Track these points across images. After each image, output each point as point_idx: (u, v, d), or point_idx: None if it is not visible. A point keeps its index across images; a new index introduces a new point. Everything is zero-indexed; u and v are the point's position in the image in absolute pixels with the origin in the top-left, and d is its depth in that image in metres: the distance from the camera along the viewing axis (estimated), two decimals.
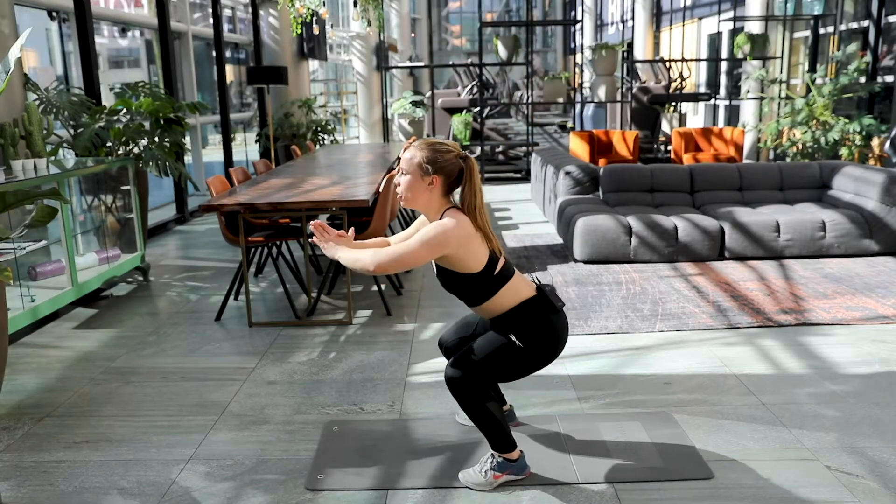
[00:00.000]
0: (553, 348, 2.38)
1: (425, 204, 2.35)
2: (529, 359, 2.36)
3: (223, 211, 4.20)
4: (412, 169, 2.33)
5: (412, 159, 2.33)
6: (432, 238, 2.25)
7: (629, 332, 3.94)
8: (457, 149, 2.35)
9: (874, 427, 2.80)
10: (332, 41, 14.18)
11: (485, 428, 2.38)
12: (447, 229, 2.26)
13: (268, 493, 2.44)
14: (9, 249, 4.08)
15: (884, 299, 4.38)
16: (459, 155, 2.34)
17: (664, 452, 2.63)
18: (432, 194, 2.33)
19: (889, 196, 5.44)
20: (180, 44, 8.76)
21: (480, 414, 2.36)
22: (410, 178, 2.34)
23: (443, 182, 2.33)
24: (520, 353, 2.34)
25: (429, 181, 2.32)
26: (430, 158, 2.31)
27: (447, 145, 2.35)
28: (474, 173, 2.32)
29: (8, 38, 4.66)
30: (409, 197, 2.35)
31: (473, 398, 2.34)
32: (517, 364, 2.37)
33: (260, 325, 4.23)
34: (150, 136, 5.75)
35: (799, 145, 9.21)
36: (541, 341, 2.35)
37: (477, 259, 2.31)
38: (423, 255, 2.26)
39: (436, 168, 2.31)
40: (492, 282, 2.34)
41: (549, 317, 2.37)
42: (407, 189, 2.35)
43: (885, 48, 9.52)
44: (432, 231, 2.26)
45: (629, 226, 5.41)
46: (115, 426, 2.96)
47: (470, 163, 2.33)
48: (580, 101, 12.84)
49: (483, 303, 2.38)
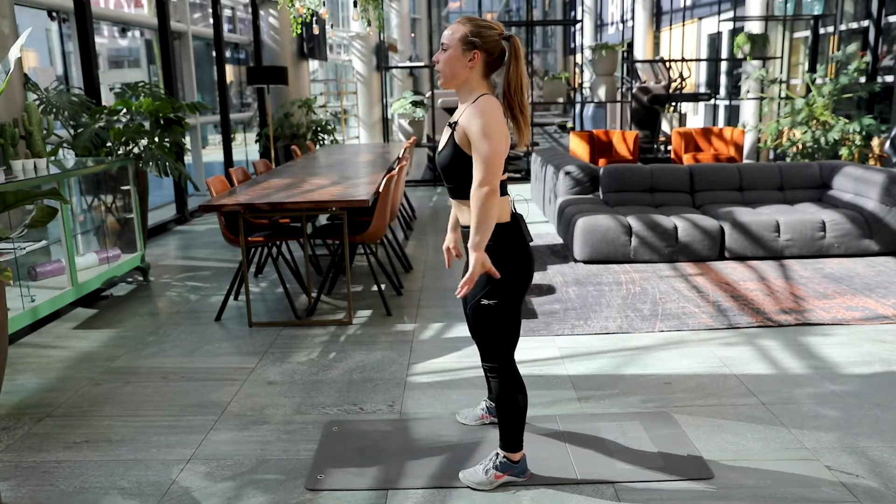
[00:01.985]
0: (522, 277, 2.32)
1: (463, 82, 2.26)
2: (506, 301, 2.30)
3: (223, 211, 4.20)
4: (453, 43, 2.23)
5: (454, 34, 2.24)
6: (489, 123, 2.16)
7: (629, 332, 3.94)
8: (500, 27, 2.26)
9: (874, 427, 2.80)
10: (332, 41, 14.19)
11: (506, 418, 2.39)
12: (492, 111, 2.17)
13: (268, 493, 2.44)
14: (9, 249, 4.08)
15: (884, 299, 4.38)
16: (502, 34, 2.25)
17: (664, 452, 2.63)
18: (472, 72, 2.24)
19: (889, 196, 5.44)
20: (180, 44, 8.76)
21: (510, 402, 2.37)
22: (451, 52, 2.24)
23: (483, 60, 2.24)
24: (497, 307, 2.29)
25: (470, 56, 2.22)
26: (475, 32, 2.22)
27: (490, 23, 2.26)
28: (520, 53, 2.23)
29: (8, 38, 4.66)
30: (448, 73, 2.25)
31: (509, 381, 2.36)
32: (504, 314, 2.32)
33: (260, 325, 4.23)
34: (150, 136, 5.75)
35: (799, 145, 9.21)
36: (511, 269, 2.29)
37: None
38: (498, 144, 2.15)
39: (479, 42, 2.22)
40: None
41: (520, 244, 2.32)
42: (446, 64, 2.24)
43: (885, 48, 9.51)
44: (483, 118, 2.16)
45: (629, 226, 5.41)
46: (115, 426, 2.96)
47: (514, 42, 2.24)
48: (580, 101, 12.84)
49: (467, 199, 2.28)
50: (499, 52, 2.25)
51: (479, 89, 2.26)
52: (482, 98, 2.23)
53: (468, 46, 2.23)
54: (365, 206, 4.09)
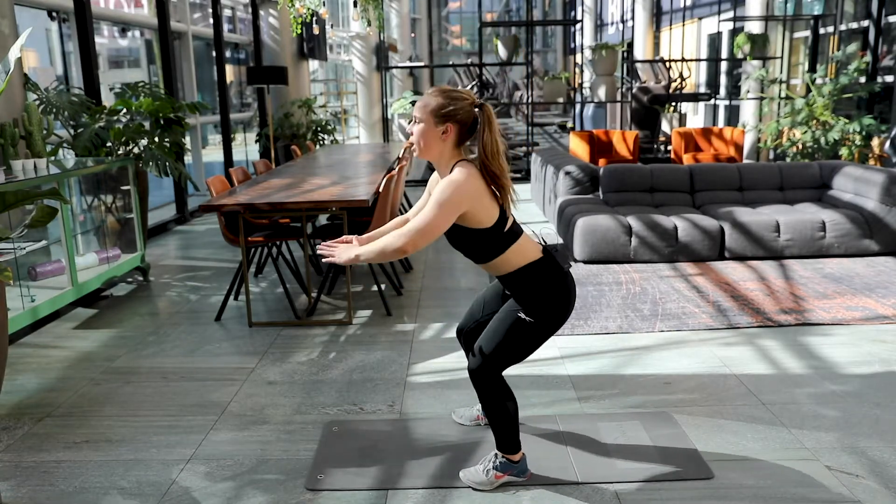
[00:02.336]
0: (563, 310, 2.32)
1: (437, 154, 2.27)
2: (541, 327, 2.31)
3: (223, 211, 4.20)
4: (426, 116, 2.24)
5: (426, 107, 2.24)
6: (449, 197, 2.17)
7: (629, 332, 3.94)
8: (471, 96, 2.27)
9: (874, 427, 2.80)
10: (332, 41, 14.19)
11: (498, 425, 2.38)
12: (460, 184, 2.18)
13: (268, 493, 2.44)
14: (9, 249, 4.08)
15: (884, 299, 4.38)
16: (475, 103, 2.25)
17: (664, 452, 2.63)
18: (445, 144, 2.25)
19: (889, 196, 5.44)
20: (180, 44, 8.76)
21: (498, 410, 2.35)
22: (424, 125, 2.25)
23: (457, 131, 2.24)
24: (531, 326, 2.29)
25: (443, 129, 2.23)
26: (445, 105, 2.22)
27: (461, 93, 2.26)
28: (492, 120, 2.23)
29: (8, 38, 4.66)
30: (422, 146, 2.27)
31: (494, 391, 2.34)
32: (530, 337, 2.32)
33: (260, 325, 4.23)
34: (150, 136, 5.75)
35: (799, 145, 9.21)
36: (550, 305, 2.29)
37: (488, 214, 2.23)
38: (444, 219, 2.18)
39: (450, 115, 2.22)
40: (501, 239, 2.27)
41: (556, 279, 2.31)
42: (420, 137, 2.26)
43: (885, 48, 9.51)
44: (447, 190, 2.18)
45: (629, 226, 5.41)
46: (115, 426, 2.96)
47: (486, 110, 2.24)
48: (580, 101, 12.84)
49: (490, 260, 2.32)
50: (472, 120, 2.25)
51: (455, 158, 2.28)
52: (458, 167, 2.24)
53: (441, 119, 2.23)
54: (365, 206, 4.09)
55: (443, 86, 2.35)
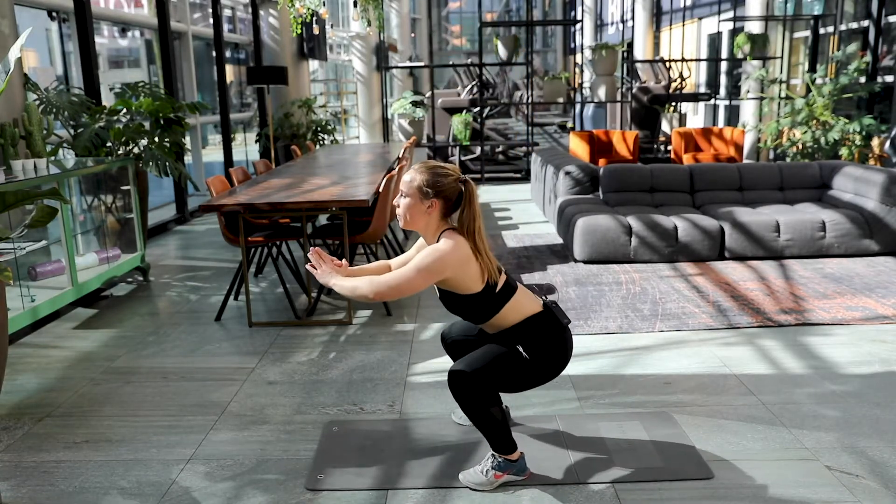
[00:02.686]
0: (559, 363, 2.39)
1: (423, 226, 2.37)
2: (534, 372, 2.37)
3: (223, 211, 4.20)
4: (412, 192, 2.34)
5: (412, 182, 2.34)
6: (429, 264, 2.26)
7: (629, 332, 3.94)
8: (456, 172, 2.37)
9: (874, 427, 2.80)
10: (332, 41, 14.18)
11: (485, 430, 2.38)
12: (444, 254, 2.27)
13: (268, 493, 2.44)
14: (9, 249, 4.08)
15: (884, 299, 4.38)
16: (459, 178, 2.35)
17: (664, 452, 2.63)
18: (431, 217, 2.35)
19: (889, 196, 5.44)
20: (180, 44, 8.76)
21: (480, 417, 2.35)
22: (410, 200, 2.35)
23: (442, 205, 2.34)
24: (525, 364, 2.35)
25: (428, 204, 2.33)
26: (430, 182, 2.32)
27: (447, 168, 2.36)
28: (474, 197, 2.34)
29: (8, 38, 4.66)
30: (409, 219, 2.37)
31: (474, 401, 2.34)
32: (521, 375, 2.37)
33: (260, 325, 4.23)
34: (150, 136, 5.75)
35: (799, 145, 9.21)
36: (547, 356, 2.36)
37: (476, 280, 2.32)
38: (420, 283, 2.27)
39: (435, 192, 2.32)
40: (494, 300, 2.35)
41: (554, 333, 2.38)
42: (406, 211, 2.36)
43: (885, 48, 9.51)
44: (429, 257, 2.27)
45: (629, 226, 5.41)
46: (115, 426, 2.96)
47: (469, 187, 2.34)
48: (580, 101, 12.84)
49: (488, 320, 2.40)
50: (456, 195, 2.35)
51: (441, 228, 2.37)
52: (444, 236, 2.33)
53: (426, 195, 2.32)
54: (365, 206, 4.09)
55: (430, 161, 2.44)
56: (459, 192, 2.34)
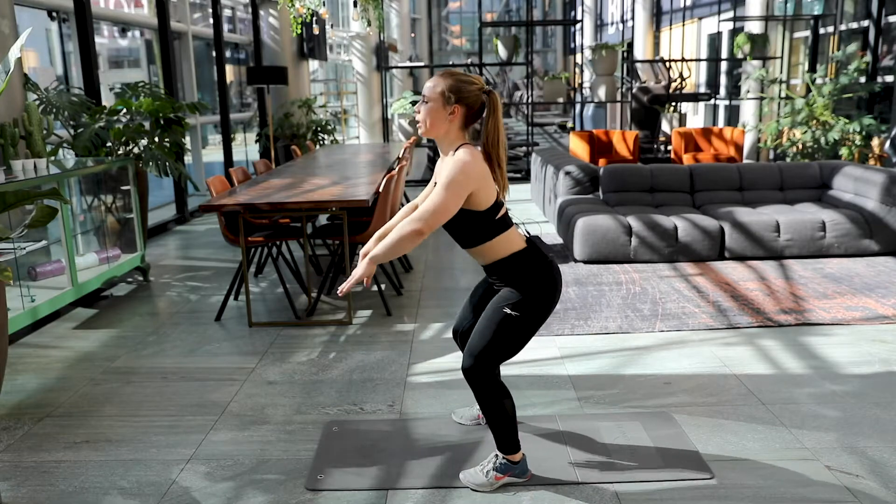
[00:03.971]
0: (549, 299, 2.35)
1: (443, 134, 2.32)
2: (528, 320, 2.33)
3: (223, 211, 4.20)
4: (434, 97, 2.30)
5: (435, 87, 2.30)
6: (456, 177, 2.21)
7: (629, 332, 3.94)
8: (480, 82, 2.32)
9: (874, 427, 2.80)
10: (332, 41, 14.18)
11: (496, 424, 2.38)
12: (466, 165, 2.22)
13: (268, 493, 2.44)
14: (9, 249, 4.08)
15: (884, 299, 4.38)
16: (483, 88, 2.31)
17: (664, 452, 2.63)
18: (451, 125, 2.30)
19: (889, 196, 5.44)
20: (180, 44, 8.76)
21: (495, 409, 2.36)
22: (432, 105, 2.30)
23: (463, 113, 2.30)
24: (517, 320, 2.32)
25: (450, 111, 2.29)
26: (454, 87, 2.28)
27: (471, 77, 2.32)
28: (497, 107, 2.30)
29: (8, 38, 4.66)
30: (429, 125, 2.32)
31: (489, 389, 2.34)
32: (519, 331, 2.34)
33: (260, 325, 4.23)
34: (150, 136, 5.75)
35: (799, 145, 9.21)
36: (536, 294, 2.32)
37: (487, 197, 2.28)
38: (454, 197, 2.22)
39: (458, 98, 2.27)
40: (492, 226, 2.31)
41: (542, 267, 2.34)
42: (427, 116, 2.31)
43: (885, 48, 9.51)
44: (454, 171, 2.22)
45: (629, 226, 5.41)
46: (115, 426, 2.96)
47: (493, 97, 2.30)
48: (580, 101, 12.84)
49: (477, 245, 2.35)
50: (479, 105, 2.32)
51: (458, 140, 2.33)
52: (462, 149, 2.28)
53: (448, 101, 2.29)
54: (365, 206, 4.09)
55: (453, 69, 2.40)
56: (482, 102, 2.30)
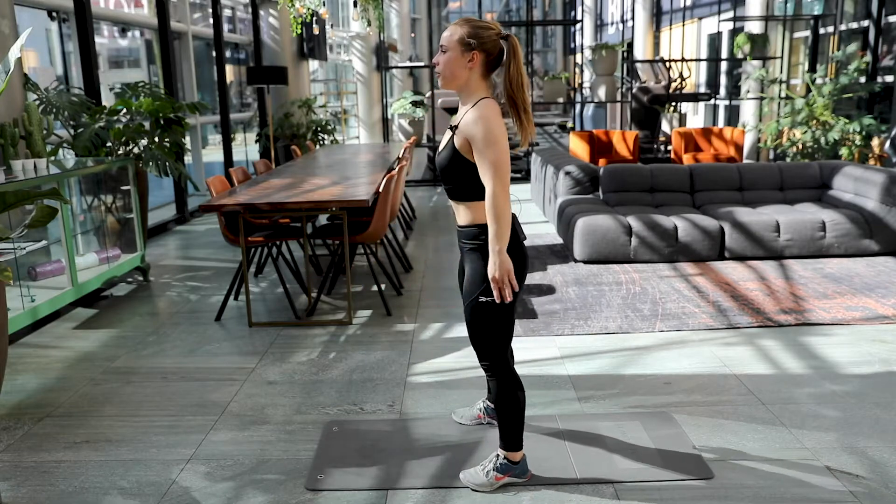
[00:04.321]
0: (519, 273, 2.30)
1: (463, 83, 2.28)
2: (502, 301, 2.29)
3: (223, 211, 4.20)
4: (452, 45, 2.26)
5: (452, 36, 2.27)
6: (487, 135, 2.18)
7: (629, 332, 3.94)
8: (497, 27, 2.29)
9: (874, 427, 2.80)
10: (332, 41, 14.19)
11: (505, 416, 2.39)
12: (490, 118, 2.19)
13: (268, 493, 2.44)
14: (9, 249, 4.08)
15: (884, 299, 4.38)
16: (500, 34, 2.28)
17: (664, 452, 2.63)
18: (472, 73, 2.27)
19: (889, 196, 5.44)
20: (180, 44, 8.76)
21: (509, 399, 2.37)
22: (451, 54, 2.26)
23: (483, 60, 2.26)
24: (493, 303, 2.29)
25: (469, 58, 2.25)
26: (472, 34, 2.25)
27: (488, 23, 2.29)
28: (518, 51, 2.26)
29: (8, 38, 4.66)
30: (448, 74, 2.28)
31: (505, 380, 2.37)
32: (499, 312, 2.31)
33: (260, 325, 4.23)
34: (150, 136, 5.75)
35: (799, 145, 9.21)
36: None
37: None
38: (502, 155, 2.18)
39: (477, 43, 2.24)
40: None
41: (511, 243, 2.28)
42: (446, 66, 2.27)
43: (885, 48, 9.51)
44: (484, 127, 2.18)
45: (629, 226, 5.41)
46: (115, 426, 2.96)
47: (512, 41, 2.27)
48: (580, 101, 12.84)
49: (466, 201, 2.31)
50: (497, 51, 2.27)
51: (479, 90, 2.29)
52: (482, 102, 2.25)
53: (467, 47, 2.25)
54: (365, 206, 4.09)
55: (469, 17, 2.37)
56: (501, 48, 2.27)
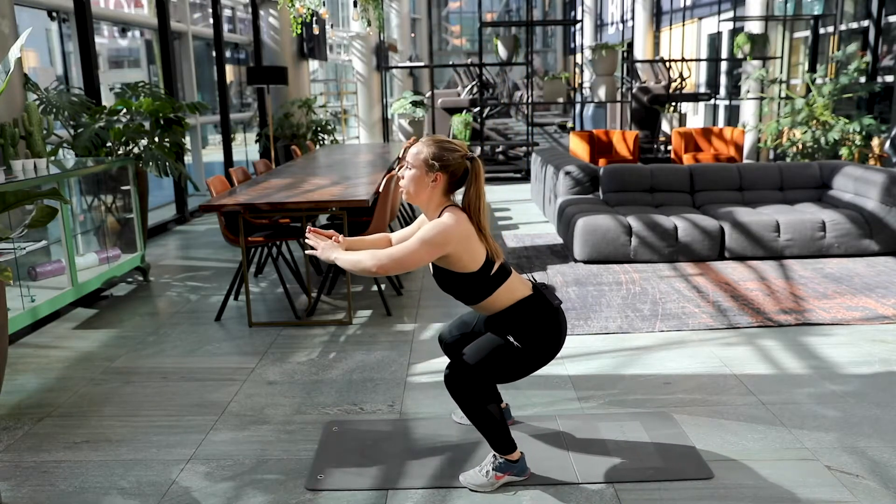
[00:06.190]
0: (552, 347, 2.37)
1: (426, 200, 2.35)
2: (528, 358, 2.35)
3: (223, 211, 4.20)
4: (418, 164, 2.32)
5: (419, 154, 2.32)
6: (433, 237, 2.24)
7: (629, 332, 3.94)
8: (464, 148, 2.34)
9: (874, 427, 2.80)
10: (332, 41, 14.18)
11: (484, 429, 2.38)
12: (447, 227, 2.25)
13: (268, 493, 2.44)
14: (9, 249, 4.08)
15: (884, 299, 4.38)
16: (466, 155, 2.33)
17: (664, 452, 2.63)
18: (434, 191, 2.33)
19: (889, 196, 5.44)
20: (180, 44, 8.76)
21: (479, 415, 2.35)
22: (415, 172, 2.33)
23: (446, 180, 2.32)
24: (518, 353, 2.33)
25: (433, 178, 2.31)
26: (437, 155, 2.30)
27: (455, 144, 2.34)
28: (480, 175, 2.31)
29: (8, 38, 4.66)
30: (412, 192, 2.35)
31: (472, 399, 2.34)
32: (516, 364, 2.35)
33: (260, 325, 4.23)
34: (150, 137, 5.75)
35: (799, 145, 9.21)
36: (539, 340, 2.34)
37: (475, 258, 2.30)
38: (423, 256, 2.25)
39: (441, 165, 2.30)
40: (489, 281, 2.33)
41: (546, 315, 2.35)
42: (410, 183, 2.34)
43: (885, 48, 9.51)
44: (433, 230, 2.25)
45: (629, 226, 5.41)
46: (115, 426, 2.96)
47: (476, 164, 2.32)
48: (580, 101, 12.84)
49: (480, 302, 2.38)
50: (461, 171, 2.33)
51: (443, 204, 2.35)
52: (447, 211, 2.31)
53: (431, 168, 2.31)
54: (365, 206, 4.09)
55: (437, 136, 2.43)
56: (465, 168, 2.31)
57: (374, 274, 2.25)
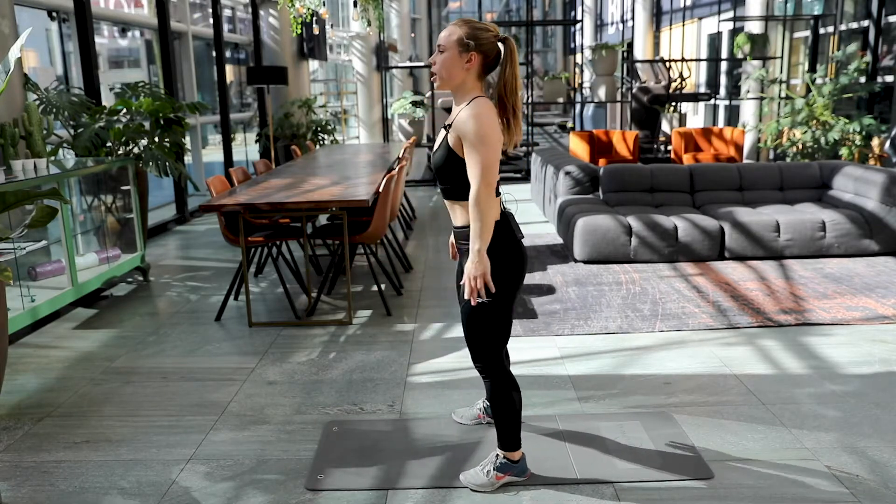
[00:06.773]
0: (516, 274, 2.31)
1: (459, 83, 2.27)
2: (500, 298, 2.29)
3: (223, 211, 4.20)
4: (451, 45, 2.24)
5: (451, 36, 2.25)
6: (480, 132, 2.16)
7: (629, 332, 3.94)
8: (496, 29, 2.28)
9: (874, 427, 2.80)
10: (332, 41, 14.18)
11: (501, 416, 2.39)
12: (483, 116, 2.18)
13: (268, 493, 2.44)
14: (9, 249, 4.08)
15: (884, 299, 4.38)
16: (499, 36, 2.27)
17: (664, 452, 2.63)
18: (468, 74, 2.26)
19: (889, 196, 5.44)
20: (180, 44, 8.76)
21: (503, 400, 2.37)
22: (448, 54, 2.25)
23: (480, 61, 2.25)
24: (490, 305, 2.28)
25: (467, 59, 2.24)
26: (471, 35, 2.23)
27: (487, 25, 2.28)
28: (514, 54, 2.26)
29: (8, 38, 4.66)
30: (445, 75, 2.26)
31: (500, 380, 2.37)
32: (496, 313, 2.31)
33: (260, 325, 4.23)
34: (150, 137, 5.75)
35: (799, 145, 9.21)
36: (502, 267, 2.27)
37: None
38: (489, 154, 2.17)
39: (476, 45, 2.23)
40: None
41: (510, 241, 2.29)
42: (443, 66, 2.26)
43: (885, 48, 9.51)
44: (477, 125, 2.17)
45: (629, 226, 5.41)
46: (115, 426, 2.96)
47: (510, 44, 2.26)
48: (580, 101, 12.84)
49: (459, 200, 2.30)
50: (495, 53, 2.27)
51: (474, 91, 2.28)
52: (476, 101, 2.24)
53: (465, 48, 2.24)
54: (365, 206, 4.09)
55: (468, 18, 2.35)
56: (498, 50, 2.26)
57: (489, 197, 2.16)
